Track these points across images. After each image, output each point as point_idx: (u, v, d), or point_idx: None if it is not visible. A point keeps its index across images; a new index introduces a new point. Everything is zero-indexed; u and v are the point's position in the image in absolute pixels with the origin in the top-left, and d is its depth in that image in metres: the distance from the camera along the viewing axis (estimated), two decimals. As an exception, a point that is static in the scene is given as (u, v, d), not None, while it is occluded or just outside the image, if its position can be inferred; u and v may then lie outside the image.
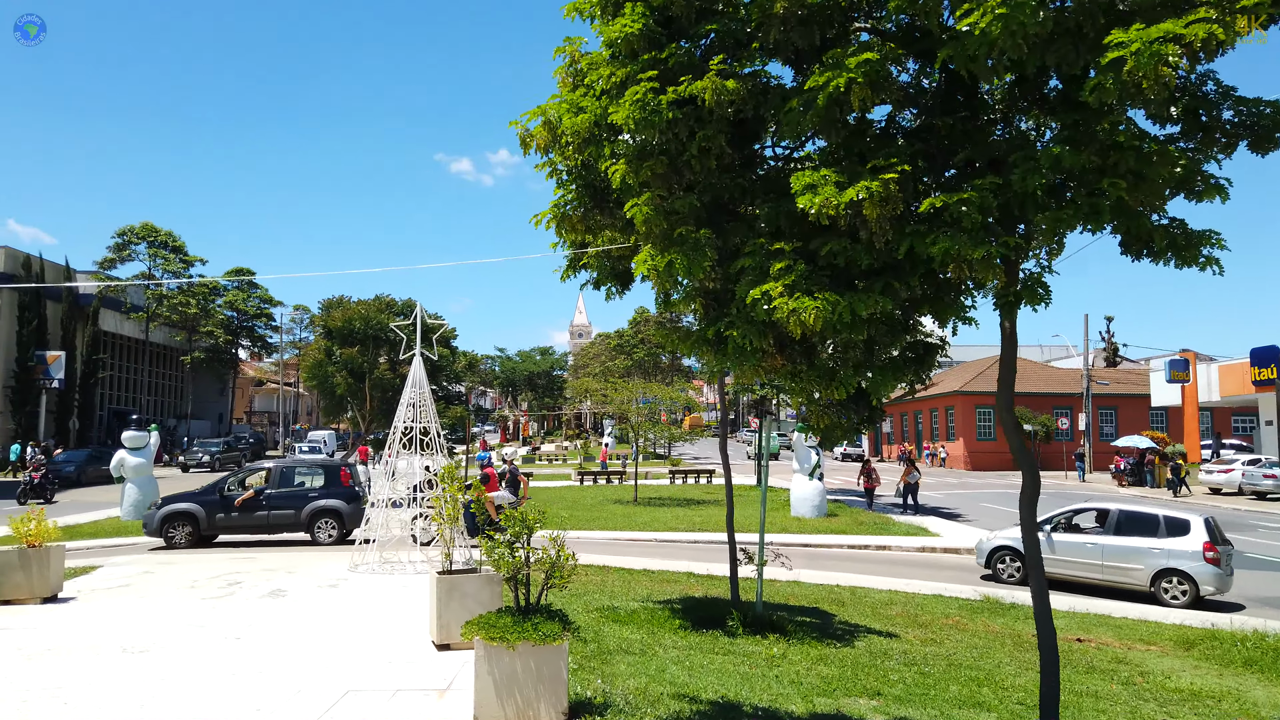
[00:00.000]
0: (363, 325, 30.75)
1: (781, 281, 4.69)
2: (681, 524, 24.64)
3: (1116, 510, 17.57)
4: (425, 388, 15.10)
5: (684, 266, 5.06)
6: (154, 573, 14.19)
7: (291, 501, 18.81)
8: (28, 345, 51.41)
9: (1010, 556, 17.68)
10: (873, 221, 4.33)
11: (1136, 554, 16.36)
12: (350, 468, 20.34)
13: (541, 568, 6.23)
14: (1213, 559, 15.68)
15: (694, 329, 6.07)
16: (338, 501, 18.97)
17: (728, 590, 13.87)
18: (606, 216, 6.24)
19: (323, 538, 18.62)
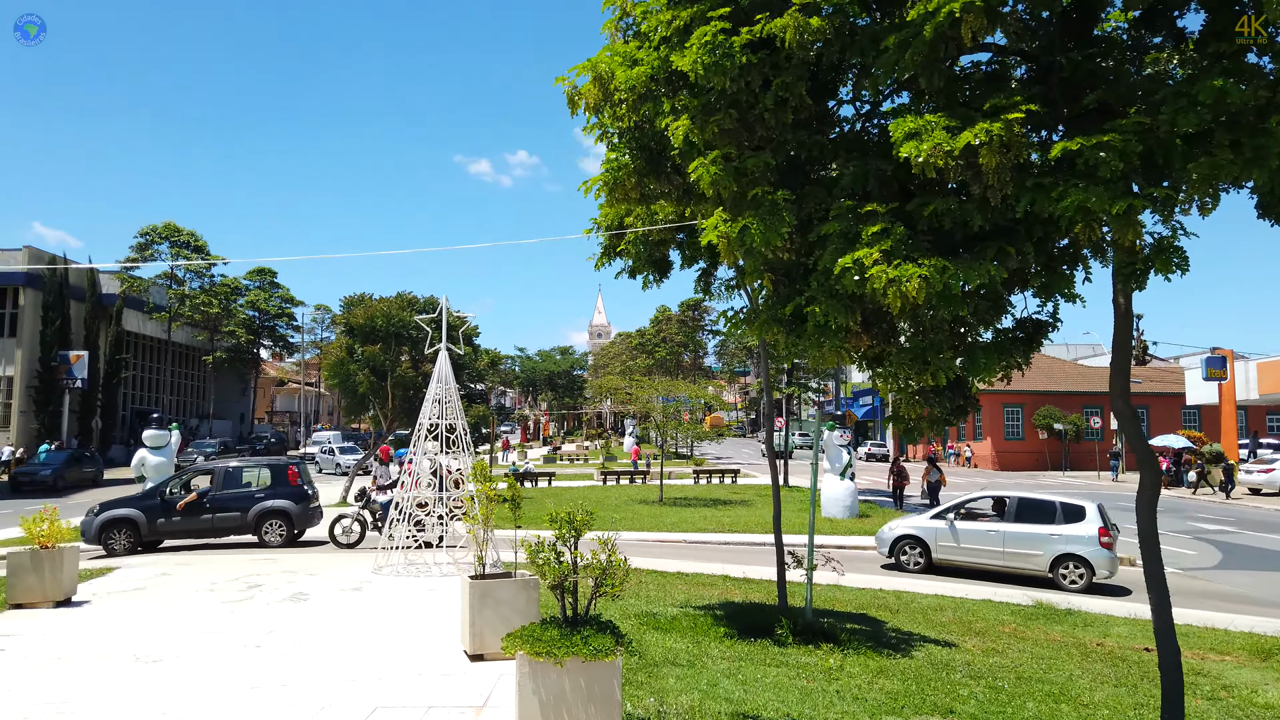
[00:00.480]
0: (385, 322, 30.26)
1: (878, 247, 4.06)
2: (710, 525, 23.99)
3: (1015, 498, 17.87)
4: (451, 383, 14.53)
5: (760, 232, 4.43)
6: (171, 575, 13.71)
7: (237, 503, 18.17)
8: (51, 345, 51.41)
9: (911, 545, 17.92)
10: (990, 172, 3.69)
11: (1036, 540, 16.78)
12: (299, 465, 19.74)
13: (591, 574, 5.62)
14: (1107, 544, 16.28)
15: (760, 309, 5.42)
16: (285, 502, 18.35)
17: (768, 594, 13.24)
18: (663, 182, 5.61)
19: (271, 539, 18.01)
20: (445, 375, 14.50)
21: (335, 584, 12.73)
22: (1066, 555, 16.48)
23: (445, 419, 14.36)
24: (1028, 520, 17.02)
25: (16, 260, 51.68)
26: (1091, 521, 16.55)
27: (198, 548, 18.34)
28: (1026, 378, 51.58)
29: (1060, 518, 16.88)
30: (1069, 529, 16.63)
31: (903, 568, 17.85)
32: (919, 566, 17.67)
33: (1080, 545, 16.38)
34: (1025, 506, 17.38)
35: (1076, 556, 16.40)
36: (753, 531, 22.83)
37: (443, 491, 14.81)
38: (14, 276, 51.44)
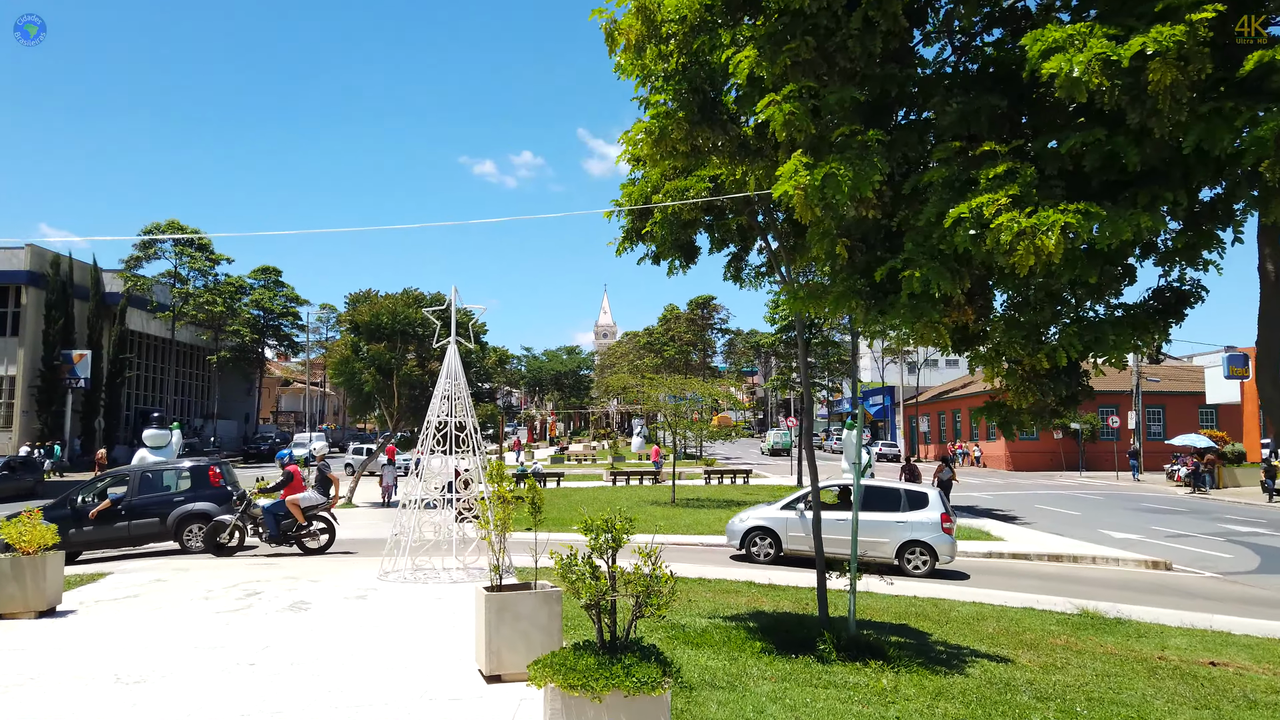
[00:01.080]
0: (390, 320, 29.53)
1: (1004, 192, 3.26)
2: (719, 526, 23.16)
3: (863, 486, 17.88)
4: (461, 379, 13.76)
5: (848, 180, 3.64)
6: (166, 581, 12.96)
7: (155, 508, 17.21)
8: (54, 344, 50.85)
9: (761, 536, 17.90)
10: (1160, 93, 2.88)
11: (884, 528, 17.01)
12: (221, 466, 18.88)
13: (631, 591, 4.86)
14: (948, 529, 16.86)
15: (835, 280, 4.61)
16: (207, 505, 17.50)
17: (797, 603, 12.46)
18: (716, 132, 4.82)
19: (194, 545, 17.09)
20: (454, 370, 13.74)
21: (338, 591, 11.97)
22: (912, 542, 16.88)
23: (454, 417, 13.60)
24: (875, 508, 17.19)
25: (19, 259, 51.09)
26: (934, 508, 17.03)
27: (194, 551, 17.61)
28: None
29: (905, 505, 17.24)
30: (914, 516, 17.02)
31: (753, 559, 17.73)
32: (769, 557, 17.64)
33: (925, 531, 16.80)
34: (872, 494, 17.62)
35: (921, 543, 16.81)
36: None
37: (452, 493, 14.04)
38: (16, 275, 50.87)
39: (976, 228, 3.32)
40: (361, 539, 20.19)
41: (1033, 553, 20.57)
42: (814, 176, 3.74)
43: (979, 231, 3.31)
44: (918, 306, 3.80)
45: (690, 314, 64.11)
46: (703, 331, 63.23)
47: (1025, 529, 25.29)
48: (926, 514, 17.01)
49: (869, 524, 16.87)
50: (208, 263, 59.94)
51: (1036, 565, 19.66)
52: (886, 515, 17.14)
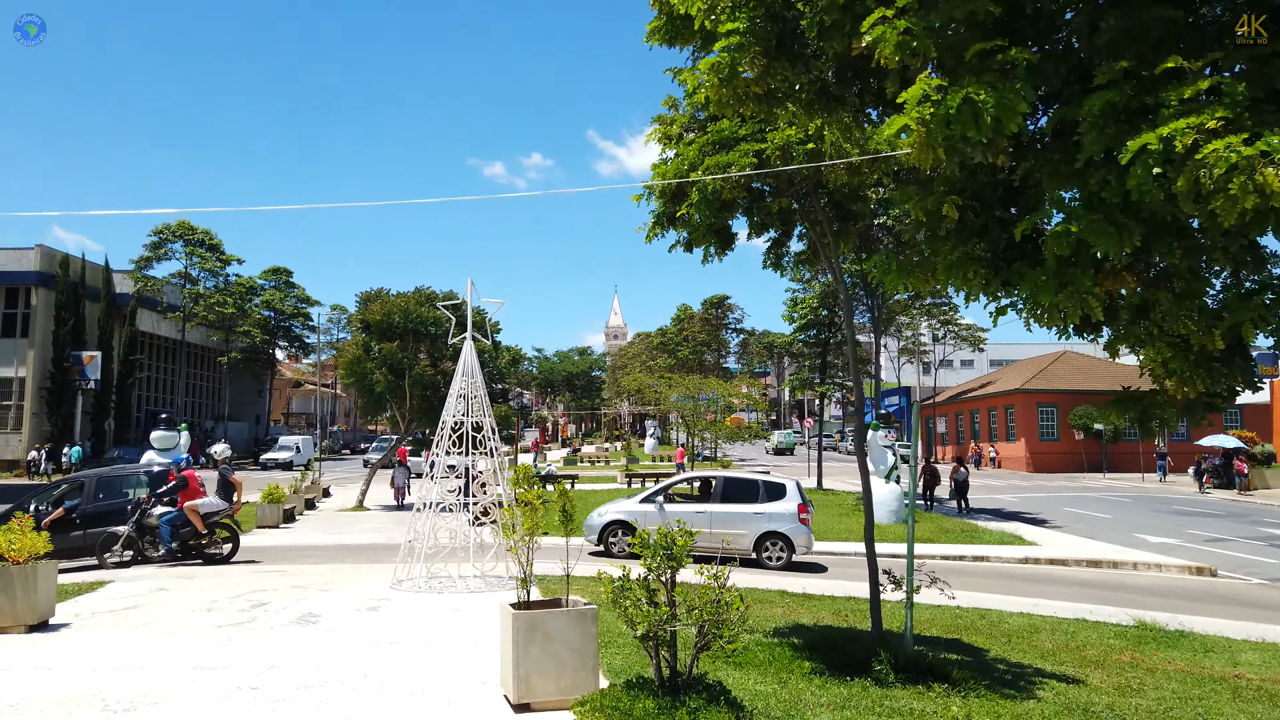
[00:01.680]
0: (402, 318, 28.85)
1: (1211, 113, 2.52)
2: (751, 531, 22.41)
3: (721, 478, 18.08)
4: (478, 376, 13.06)
5: (989, 109, 2.91)
6: (169, 590, 12.29)
7: (112, 516, 16.23)
8: (64, 345, 50.42)
9: (621, 530, 17.59)
10: None
11: (742, 519, 16.87)
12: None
13: (695, 619, 4.13)
14: (805, 520, 16.82)
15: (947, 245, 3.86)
16: None
17: (837, 614, 11.71)
18: (797, 68, 4.07)
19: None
20: (471, 368, 13.04)
21: (349, 602, 11.27)
22: (770, 533, 16.82)
23: (471, 416, 12.90)
24: (734, 500, 17.12)
25: (28, 260, 50.74)
26: (791, 499, 16.94)
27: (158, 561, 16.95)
28: (1060, 376, 49.85)
29: (763, 496, 17.17)
30: (772, 507, 16.94)
31: (610, 554, 17.42)
32: (624, 552, 17.09)
33: (782, 523, 16.76)
34: (730, 486, 17.60)
35: (779, 534, 16.79)
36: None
37: (468, 496, 13.34)
38: (26, 276, 50.50)
39: (1163, 164, 2.61)
40: (371, 544, 19.53)
41: (1070, 558, 19.76)
42: (947, 104, 3.01)
43: (1165, 170, 2.60)
44: (1065, 273, 3.09)
45: (705, 313, 63.21)
46: (717, 331, 62.33)
47: (1057, 533, 24.45)
48: (784, 505, 16.89)
49: (727, 516, 16.84)
50: (218, 263, 59.47)
51: (1075, 571, 18.85)
52: (744, 507, 17.01)
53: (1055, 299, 3.31)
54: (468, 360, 13.01)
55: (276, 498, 24.19)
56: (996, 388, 63.48)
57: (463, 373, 12.98)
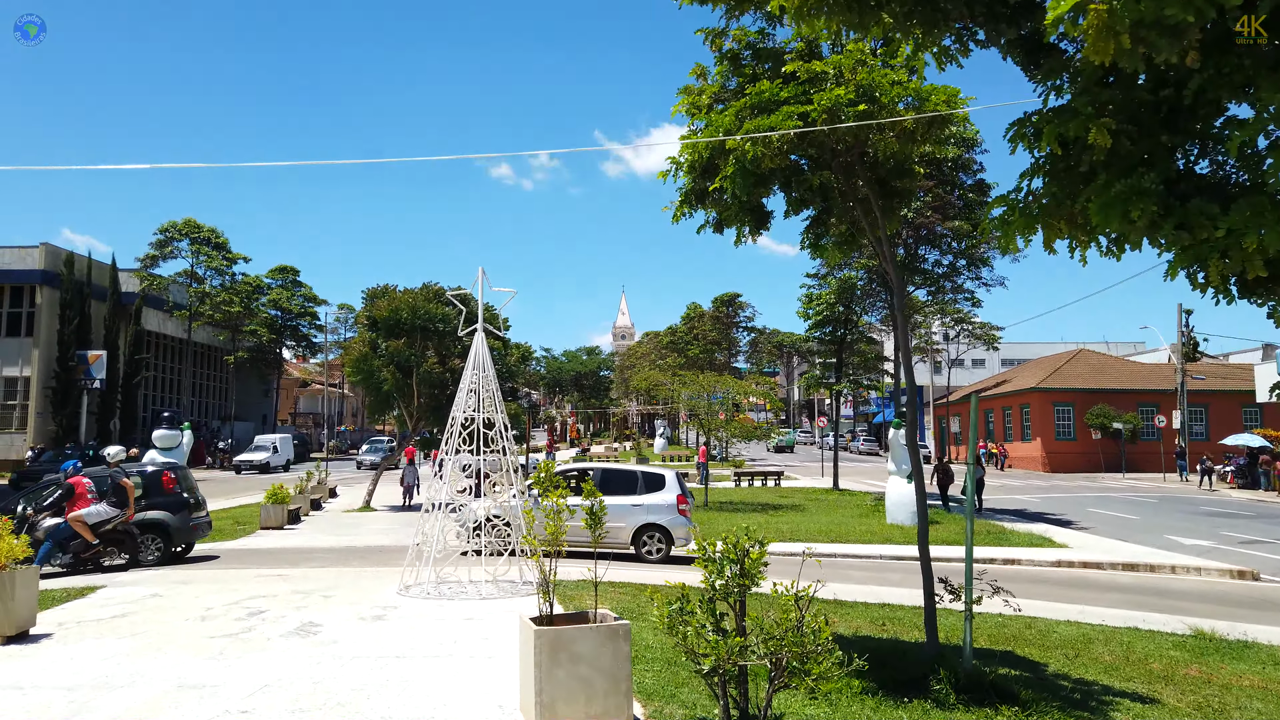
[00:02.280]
0: (410, 315, 28.17)
1: None
2: (770, 533, 21.62)
3: (599, 469, 17.52)
4: (489, 370, 12.34)
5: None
6: (163, 596, 11.60)
7: None
8: (69, 345, 49.91)
9: None
10: None
11: (620, 512, 16.09)
12: (177, 470, 17.26)
13: (769, 650, 3.41)
14: (684, 511, 16.42)
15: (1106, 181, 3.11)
16: (159, 514, 15.89)
17: (874, 623, 10.96)
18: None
19: (145, 558, 15.60)
20: (482, 361, 12.32)
21: (353, 610, 10.56)
22: (648, 525, 16.42)
23: (483, 413, 12.18)
24: (612, 492, 16.31)
25: (33, 258, 50.27)
26: (670, 490, 16.57)
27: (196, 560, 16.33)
28: (1076, 374, 48.78)
29: (642, 488, 16.75)
30: (650, 499, 16.55)
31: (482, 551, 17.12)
32: None
33: (661, 514, 16.35)
34: (609, 478, 17.06)
35: (658, 526, 16.39)
36: (817, 540, 20.51)
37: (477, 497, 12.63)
38: (30, 274, 50.04)
39: None
40: (378, 546, 18.84)
41: (1104, 561, 18.94)
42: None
43: None
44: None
45: (715, 311, 62.33)
46: (728, 329, 61.55)
47: (1086, 535, 23.62)
48: (663, 497, 16.48)
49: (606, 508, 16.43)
50: (224, 261, 58.95)
51: (1112, 575, 18.04)
52: (623, 499, 16.38)
53: (1257, 242, 2.57)
54: (479, 353, 12.29)
55: (280, 498, 23.54)
56: (1011, 386, 62.57)
57: (473, 366, 12.26)
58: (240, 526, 23.36)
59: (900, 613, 11.58)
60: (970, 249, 27.61)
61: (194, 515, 16.52)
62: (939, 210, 26.48)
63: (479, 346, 12.32)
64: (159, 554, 15.74)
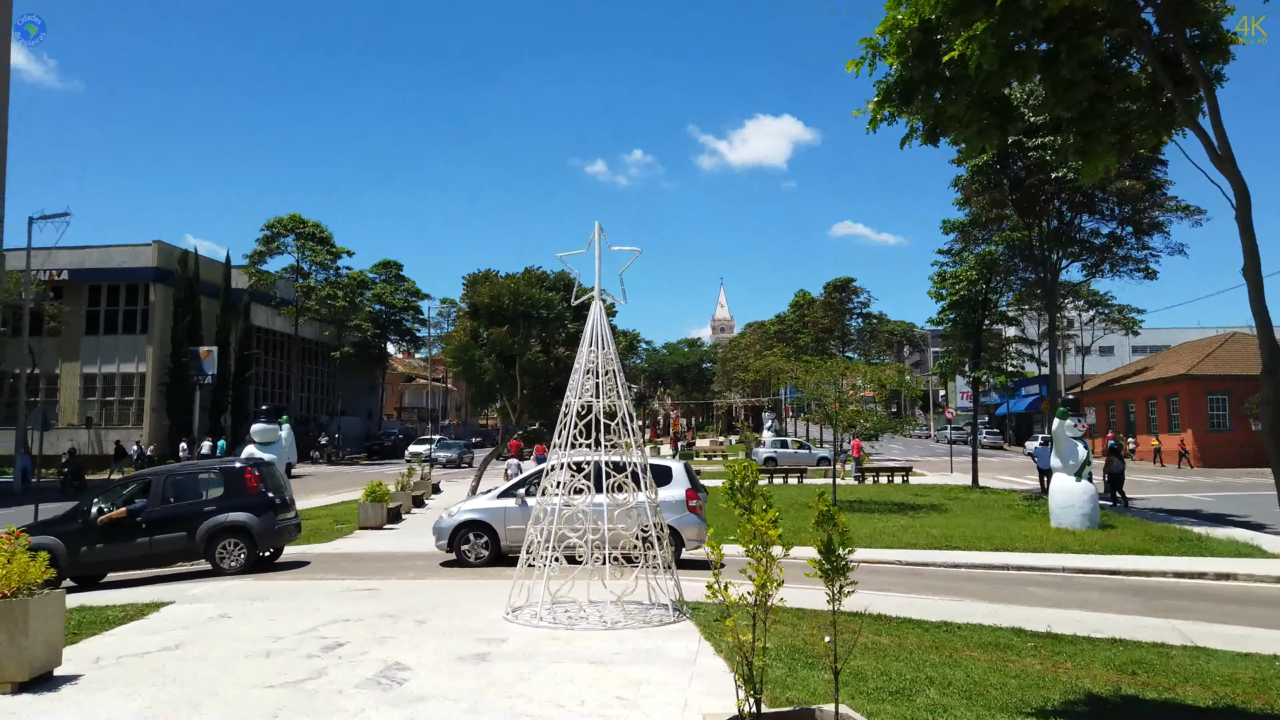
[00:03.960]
0: (512, 301, 26.41)
1: None
2: (920, 539, 18.91)
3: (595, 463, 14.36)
4: (610, 346, 10.11)
5: None
6: (230, 618, 9.82)
7: (180, 520, 14.24)
8: (181, 341, 50.43)
9: (475, 533, 15.03)
10: None
11: None
12: (262, 467, 15.75)
13: None
14: (695, 509, 14.61)
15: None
16: (243, 515, 14.39)
17: (1121, 671, 8.24)
18: None
19: (229, 565, 14.09)
20: (601, 335, 10.09)
21: (449, 644, 8.49)
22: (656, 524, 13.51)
23: (603, 398, 9.96)
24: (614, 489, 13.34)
25: (146, 256, 51.01)
26: (678, 484, 14.71)
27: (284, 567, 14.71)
28: (1232, 360, 43.51)
29: None
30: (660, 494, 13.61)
31: (464, 560, 14.95)
32: (482, 559, 14.88)
33: (668, 512, 13.83)
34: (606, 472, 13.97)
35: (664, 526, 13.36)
36: (980, 548, 17.69)
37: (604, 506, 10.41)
38: (143, 272, 50.80)
39: None
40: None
41: (1347, 578, 15.52)
42: None
43: None
44: None
45: (827, 297, 58.99)
46: (840, 316, 58.21)
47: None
48: (669, 492, 14.35)
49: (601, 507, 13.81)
50: (329, 256, 58.91)
51: (1364, 596, 14.65)
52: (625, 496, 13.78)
53: None
54: (597, 326, 10.06)
55: (379, 496, 22.05)
56: (1156, 374, 57.25)
57: (590, 342, 10.04)
58: (339, 526, 21.96)
59: (1147, 655, 8.85)
60: (1139, 213, 24.04)
61: (281, 517, 14.94)
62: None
63: (596, 318, 10.09)
64: (242, 560, 14.20)
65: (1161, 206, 24.00)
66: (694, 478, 15.50)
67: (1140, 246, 25.20)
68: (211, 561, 14.22)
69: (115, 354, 51.36)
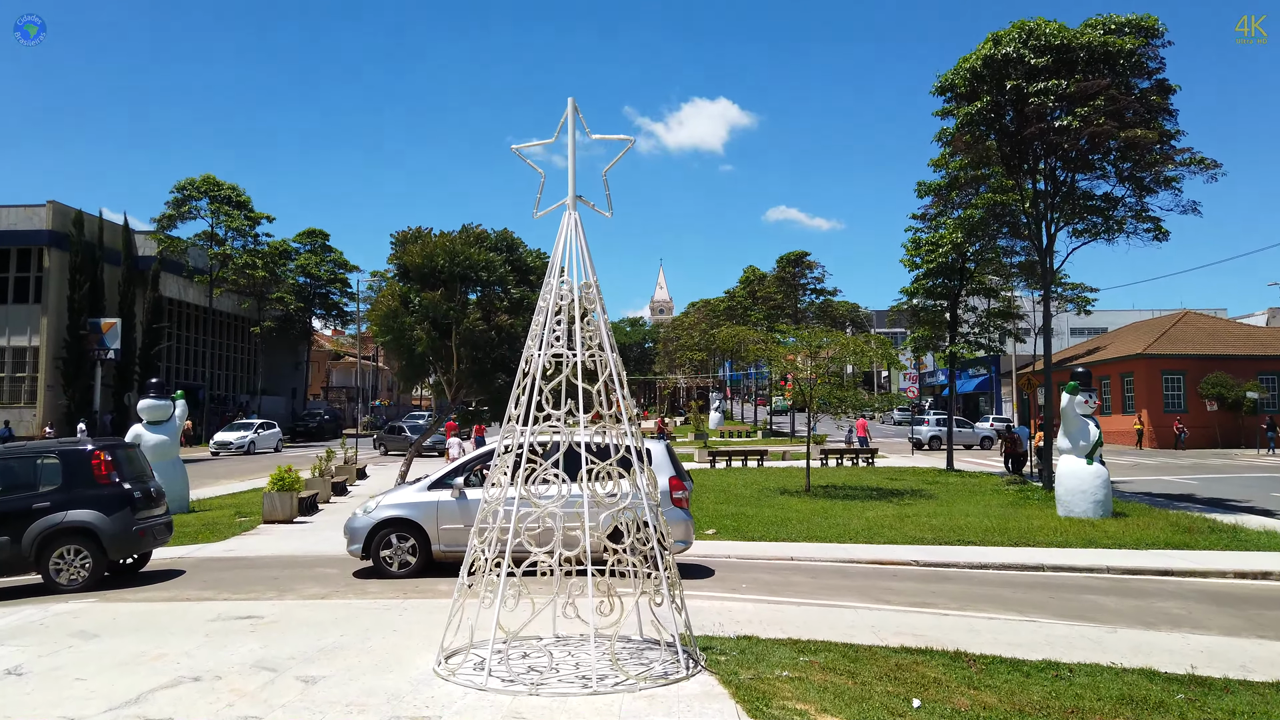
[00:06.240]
0: (447, 261, 23.08)
1: None
2: (924, 531, 16.34)
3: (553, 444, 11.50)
4: (590, 275, 7.06)
5: None
6: (18, 676, 6.59)
7: (2, 520, 10.85)
8: (80, 312, 45.59)
9: (400, 535, 11.85)
10: None
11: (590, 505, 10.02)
12: (116, 452, 12.16)
13: None
14: (681, 500, 12.02)
15: None
16: (88, 513, 11.05)
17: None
18: None
19: (67, 580, 10.85)
20: (578, 256, 7.03)
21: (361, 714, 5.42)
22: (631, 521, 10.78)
23: (581, 350, 6.92)
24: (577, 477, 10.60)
25: (40, 218, 45.93)
26: (660, 470, 11.76)
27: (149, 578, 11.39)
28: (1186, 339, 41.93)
29: None
30: None
31: (383, 569, 11.79)
32: (408, 568, 11.73)
33: None
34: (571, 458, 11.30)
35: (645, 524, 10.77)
36: (995, 543, 15.18)
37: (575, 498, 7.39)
38: (37, 235, 45.74)
39: None
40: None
41: None
42: None
43: None
44: None
45: (780, 272, 56.38)
46: (795, 292, 55.75)
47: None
48: None
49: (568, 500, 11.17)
50: (246, 222, 54.26)
51: None
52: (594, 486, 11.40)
53: None
54: (570, 243, 6.98)
55: (288, 484, 18.62)
56: (1110, 353, 56.25)
57: (562, 266, 6.97)
58: (240, 520, 18.54)
59: None
60: (1147, 166, 21.75)
61: (141, 516, 11.51)
62: (1113, 116, 20.67)
63: (570, 232, 6.99)
64: (86, 573, 10.81)
65: (1171, 160, 21.71)
66: (678, 463, 12.59)
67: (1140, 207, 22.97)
68: (45, 575, 10.78)
69: (5, 325, 46.37)
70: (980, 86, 22.67)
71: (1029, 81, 21.59)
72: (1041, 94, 21.25)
